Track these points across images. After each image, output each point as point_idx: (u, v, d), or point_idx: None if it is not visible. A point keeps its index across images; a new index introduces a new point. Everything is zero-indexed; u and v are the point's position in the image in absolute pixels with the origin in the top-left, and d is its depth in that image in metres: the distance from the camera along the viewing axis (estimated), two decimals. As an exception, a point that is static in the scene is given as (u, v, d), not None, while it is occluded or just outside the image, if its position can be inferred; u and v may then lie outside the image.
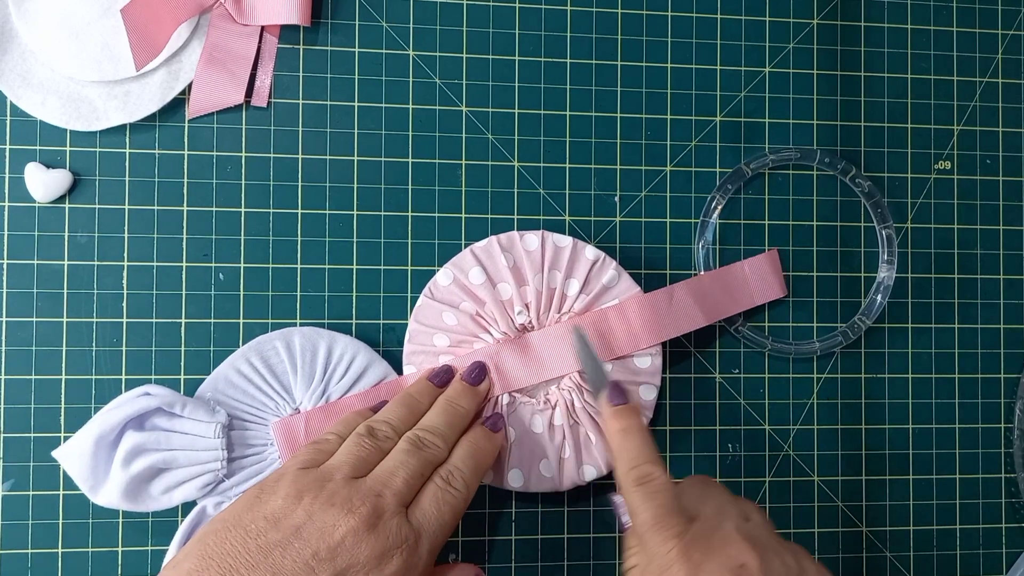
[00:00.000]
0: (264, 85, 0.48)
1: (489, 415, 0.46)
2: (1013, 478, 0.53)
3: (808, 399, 0.52)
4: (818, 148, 0.51)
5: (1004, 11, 0.54)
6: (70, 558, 0.46)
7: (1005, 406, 0.53)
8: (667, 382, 0.50)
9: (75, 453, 0.43)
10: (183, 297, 0.48)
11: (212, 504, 0.44)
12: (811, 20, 0.53)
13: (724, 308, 0.50)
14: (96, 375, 0.47)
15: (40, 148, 0.47)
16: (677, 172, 0.51)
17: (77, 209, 0.47)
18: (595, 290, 0.48)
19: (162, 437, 0.43)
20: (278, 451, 0.45)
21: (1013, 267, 0.54)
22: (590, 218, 0.51)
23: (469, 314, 0.47)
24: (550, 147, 0.51)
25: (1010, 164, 0.54)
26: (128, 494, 0.43)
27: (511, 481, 0.47)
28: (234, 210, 0.48)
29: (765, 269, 0.50)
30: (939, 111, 0.54)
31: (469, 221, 0.50)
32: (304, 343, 0.46)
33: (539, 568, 0.49)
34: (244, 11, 0.47)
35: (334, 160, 0.49)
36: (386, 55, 0.50)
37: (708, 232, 0.50)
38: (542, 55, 0.51)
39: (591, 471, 0.47)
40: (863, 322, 0.51)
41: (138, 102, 0.47)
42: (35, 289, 0.47)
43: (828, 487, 0.51)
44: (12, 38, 0.46)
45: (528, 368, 0.47)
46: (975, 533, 0.53)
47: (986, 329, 0.53)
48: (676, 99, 0.52)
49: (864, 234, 0.52)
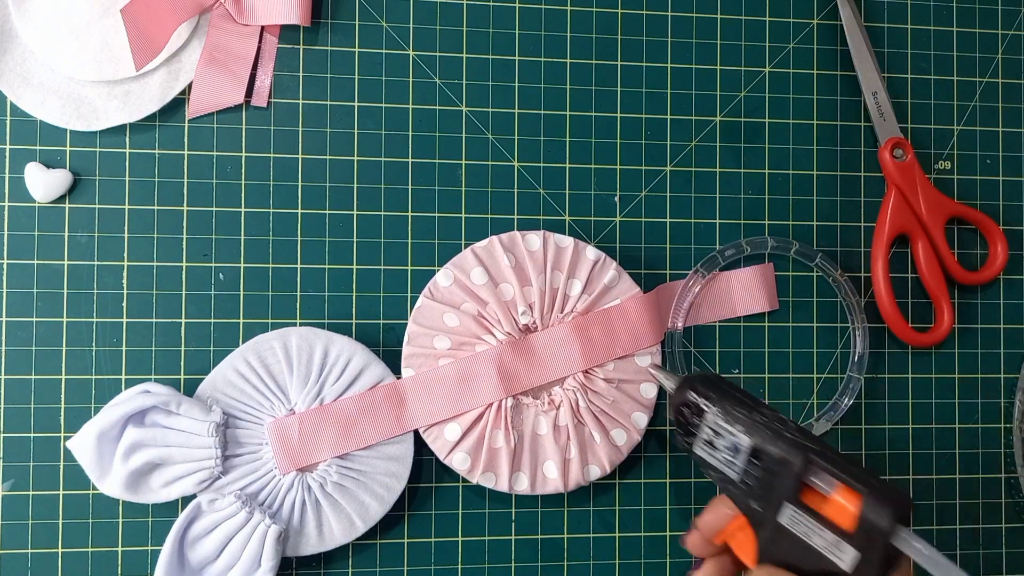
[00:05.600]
0: (264, 85, 0.48)
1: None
2: (1013, 478, 0.53)
3: (808, 399, 0.52)
4: (794, 240, 0.51)
5: (1004, 11, 0.54)
6: (70, 558, 0.46)
7: (1005, 406, 0.53)
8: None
9: (81, 445, 0.44)
10: (183, 297, 0.48)
11: (207, 500, 0.45)
12: (811, 20, 0.53)
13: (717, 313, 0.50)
14: (96, 375, 0.47)
15: (40, 148, 0.47)
16: (677, 172, 0.51)
17: (77, 209, 0.47)
18: (596, 290, 0.48)
19: (159, 434, 0.44)
20: (272, 451, 0.45)
21: (1013, 267, 0.54)
22: (590, 218, 0.51)
23: (471, 315, 0.47)
24: (550, 147, 0.51)
25: (1010, 164, 0.54)
26: (129, 486, 0.44)
27: (517, 485, 0.47)
28: (234, 210, 0.48)
29: (754, 283, 0.51)
30: (939, 111, 0.54)
31: (469, 221, 0.50)
32: (301, 344, 0.46)
33: (539, 568, 0.49)
34: (244, 11, 0.47)
35: (334, 160, 0.49)
36: (386, 55, 0.50)
37: (676, 340, 0.49)
38: (542, 55, 0.51)
39: (595, 471, 0.47)
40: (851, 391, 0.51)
41: (138, 102, 0.47)
42: (35, 289, 0.47)
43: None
44: (12, 38, 0.46)
45: (532, 370, 0.47)
46: (975, 533, 0.53)
47: (986, 329, 0.53)
48: (676, 99, 0.52)
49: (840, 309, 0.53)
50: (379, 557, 0.48)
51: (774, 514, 0.36)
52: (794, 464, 0.35)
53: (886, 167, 0.52)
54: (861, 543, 0.33)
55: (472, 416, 0.47)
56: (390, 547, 0.48)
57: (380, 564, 0.48)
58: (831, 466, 0.35)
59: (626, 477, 0.50)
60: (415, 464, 0.47)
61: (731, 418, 0.38)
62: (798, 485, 0.35)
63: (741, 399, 0.38)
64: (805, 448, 0.35)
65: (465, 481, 0.49)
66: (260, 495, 0.45)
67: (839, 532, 0.34)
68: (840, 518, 0.34)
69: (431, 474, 0.49)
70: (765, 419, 0.37)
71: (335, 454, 0.46)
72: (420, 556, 0.48)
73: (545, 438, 0.47)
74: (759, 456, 0.37)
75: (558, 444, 0.47)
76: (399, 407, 0.47)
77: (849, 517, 0.34)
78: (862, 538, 0.33)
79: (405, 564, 0.48)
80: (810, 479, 0.35)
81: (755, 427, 0.37)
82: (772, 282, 0.51)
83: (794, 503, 0.35)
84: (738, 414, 0.38)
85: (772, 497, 0.36)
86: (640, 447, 0.49)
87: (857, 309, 0.51)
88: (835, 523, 0.34)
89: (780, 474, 0.36)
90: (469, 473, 0.46)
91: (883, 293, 0.51)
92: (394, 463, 0.47)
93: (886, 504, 0.33)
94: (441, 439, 0.47)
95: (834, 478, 0.34)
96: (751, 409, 0.38)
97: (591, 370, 0.48)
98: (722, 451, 0.38)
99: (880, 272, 0.51)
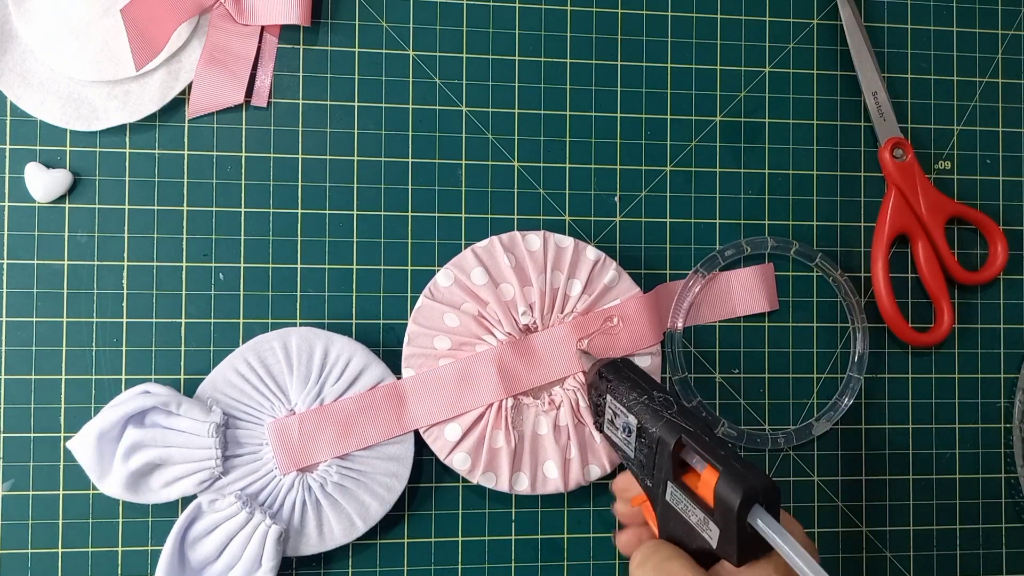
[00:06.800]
0: (264, 85, 0.48)
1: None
2: (1013, 478, 0.53)
3: (808, 399, 0.52)
4: (794, 240, 0.51)
5: (1004, 11, 0.54)
6: (70, 558, 0.46)
7: (1005, 406, 0.53)
8: (667, 382, 0.50)
9: (81, 445, 0.44)
10: (183, 297, 0.48)
11: (207, 500, 0.45)
12: (811, 20, 0.53)
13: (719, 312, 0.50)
14: (96, 375, 0.47)
15: (40, 148, 0.47)
16: (677, 172, 0.51)
17: (77, 209, 0.47)
18: (597, 290, 0.48)
19: (159, 434, 0.44)
20: (272, 451, 0.45)
21: (1013, 267, 0.54)
22: (590, 218, 0.51)
23: (471, 315, 0.47)
24: (550, 147, 0.51)
25: (1010, 164, 0.54)
26: (129, 487, 0.44)
27: (517, 485, 0.47)
28: (234, 210, 0.48)
29: (754, 283, 0.51)
30: (939, 111, 0.54)
31: (469, 221, 0.50)
32: (301, 344, 0.46)
33: (539, 568, 0.49)
34: (244, 11, 0.47)
35: (334, 160, 0.49)
36: (386, 55, 0.50)
37: (676, 340, 0.50)
38: (542, 55, 0.51)
39: (596, 471, 0.47)
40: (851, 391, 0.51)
41: (138, 102, 0.47)
42: (35, 289, 0.47)
43: (828, 487, 0.51)
44: (12, 38, 0.46)
45: (532, 370, 0.47)
46: (975, 533, 0.53)
47: (986, 329, 0.53)
48: (676, 99, 0.52)
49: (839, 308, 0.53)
50: (379, 557, 0.48)
51: (661, 491, 0.38)
52: (669, 443, 0.37)
53: (886, 167, 0.52)
54: (720, 521, 0.35)
55: (472, 416, 0.46)
56: (390, 547, 0.48)
57: (380, 564, 0.48)
58: (698, 447, 0.36)
59: (626, 477, 0.50)
60: (415, 464, 0.47)
61: (622, 399, 0.41)
62: (675, 464, 0.37)
63: (637, 382, 0.41)
64: (680, 429, 0.37)
65: (465, 481, 0.49)
66: (260, 495, 0.45)
67: (707, 510, 0.35)
68: (706, 496, 0.36)
69: (431, 474, 0.49)
70: (652, 401, 0.39)
71: (335, 454, 0.46)
72: (420, 556, 0.48)
73: (545, 438, 0.47)
74: (643, 435, 0.39)
75: (558, 444, 0.47)
76: (399, 407, 0.47)
77: (710, 495, 0.35)
78: (720, 515, 0.35)
79: (405, 564, 0.48)
80: (684, 459, 0.37)
81: (640, 408, 0.39)
82: (772, 282, 0.51)
83: (674, 481, 0.37)
84: (628, 396, 0.40)
85: (658, 475, 0.38)
86: (640, 447, 0.49)
87: (857, 309, 0.51)
88: (704, 501, 0.36)
89: (660, 453, 0.38)
90: (469, 473, 0.46)
91: (883, 293, 0.51)
92: (394, 463, 0.47)
93: (738, 483, 0.34)
94: (441, 439, 0.47)
95: (700, 458, 0.36)
96: (643, 392, 0.40)
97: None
98: (620, 430, 0.41)
99: (880, 272, 0.51)
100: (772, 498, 0.34)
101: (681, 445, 0.37)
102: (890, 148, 0.52)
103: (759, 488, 0.34)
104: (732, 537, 0.34)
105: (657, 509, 0.39)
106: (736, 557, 0.34)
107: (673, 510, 0.37)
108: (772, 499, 0.34)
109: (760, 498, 0.34)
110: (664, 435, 0.38)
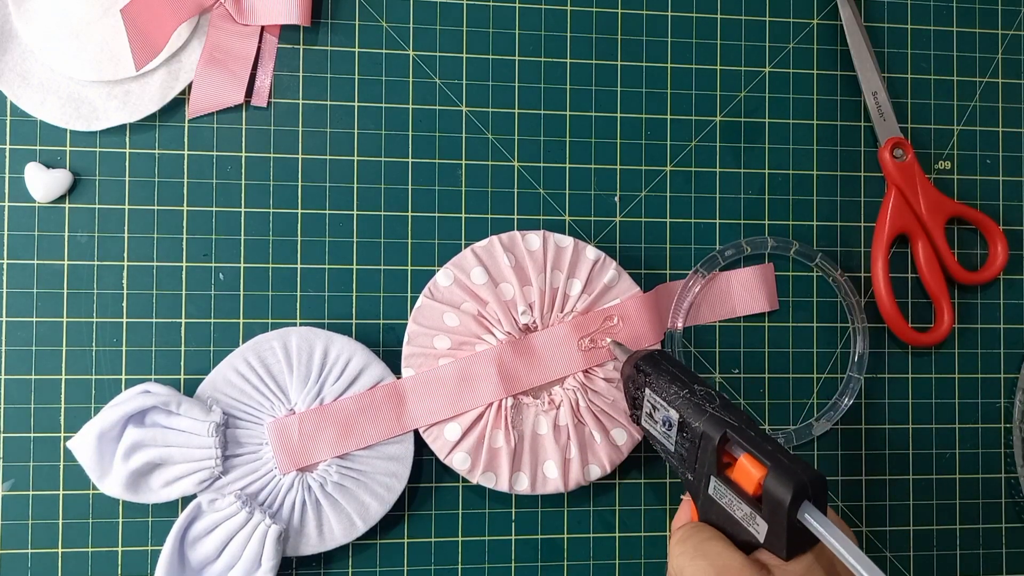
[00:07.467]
0: (264, 85, 0.48)
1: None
2: (1013, 478, 0.53)
3: (808, 399, 0.52)
4: (794, 240, 0.51)
5: (1004, 11, 0.54)
6: (70, 558, 0.46)
7: (1005, 406, 0.53)
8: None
9: (81, 445, 0.44)
10: (183, 297, 0.48)
11: (207, 500, 0.45)
12: (811, 20, 0.53)
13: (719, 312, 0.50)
14: (96, 375, 0.47)
15: (40, 148, 0.47)
16: (677, 172, 0.51)
17: (77, 209, 0.47)
18: (596, 290, 0.48)
19: (159, 434, 0.44)
20: (272, 451, 0.45)
21: (1013, 267, 0.54)
22: (590, 218, 0.51)
23: (471, 315, 0.47)
24: (550, 147, 0.51)
25: (1010, 164, 0.54)
26: (129, 486, 0.44)
27: (517, 485, 0.47)
28: (234, 210, 0.48)
29: (754, 283, 0.51)
30: (939, 111, 0.54)
31: (469, 221, 0.50)
32: (301, 344, 0.46)
33: (539, 568, 0.49)
34: (244, 11, 0.47)
35: (334, 160, 0.49)
36: (386, 55, 0.50)
37: (676, 339, 0.50)
38: (542, 55, 0.51)
39: (596, 471, 0.47)
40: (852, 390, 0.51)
41: (138, 102, 0.47)
42: (35, 289, 0.47)
43: (828, 487, 0.51)
44: (12, 38, 0.46)
45: (532, 369, 0.47)
46: (975, 533, 0.53)
47: (986, 329, 0.53)
48: (676, 99, 0.52)
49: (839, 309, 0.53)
50: (379, 557, 0.48)
51: (704, 485, 0.38)
52: (713, 438, 0.37)
53: (886, 167, 0.52)
54: (768, 516, 0.35)
55: (472, 416, 0.47)
56: (390, 547, 0.48)
57: (380, 564, 0.48)
58: (744, 442, 0.36)
59: (626, 477, 0.50)
60: (415, 464, 0.47)
61: (663, 393, 0.40)
62: (719, 459, 0.37)
63: (677, 375, 0.41)
64: (724, 424, 0.37)
65: (465, 481, 0.49)
66: (260, 495, 0.46)
67: (754, 505, 0.35)
68: (753, 491, 0.36)
69: (431, 474, 0.49)
70: (694, 395, 0.39)
71: (335, 454, 0.46)
72: (420, 556, 0.48)
73: (545, 438, 0.47)
74: (685, 430, 0.39)
75: (558, 444, 0.47)
76: (399, 407, 0.47)
77: (757, 489, 0.35)
78: (768, 511, 0.35)
79: (405, 564, 0.48)
80: (728, 453, 0.37)
81: (682, 402, 0.39)
82: (772, 282, 0.51)
83: (717, 476, 0.37)
84: (668, 390, 0.40)
85: (700, 469, 0.38)
86: (640, 447, 0.49)
87: (857, 309, 0.51)
88: (750, 496, 0.36)
89: (703, 447, 0.38)
90: (469, 473, 0.46)
91: (883, 293, 0.51)
92: (394, 463, 0.47)
93: (788, 478, 0.34)
94: (441, 439, 0.47)
95: (746, 453, 0.36)
96: (684, 385, 0.40)
97: (591, 370, 0.48)
98: (660, 424, 0.41)
99: (880, 272, 0.51)
100: (820, 492, 0.34)
101: (726, 440, 0.37)
102: (890, 148, 0.52)
103: (808, 483, 0.34)
104: (781, 532, 0.34)
105: (698, 502, 0.39)
106: (785, 551, 0.34)
107: (716, 504, 0.37)
108: (820, 492, 0.34)
109: (809, 492, 0.34)
110: (708, 430, 0.37)
